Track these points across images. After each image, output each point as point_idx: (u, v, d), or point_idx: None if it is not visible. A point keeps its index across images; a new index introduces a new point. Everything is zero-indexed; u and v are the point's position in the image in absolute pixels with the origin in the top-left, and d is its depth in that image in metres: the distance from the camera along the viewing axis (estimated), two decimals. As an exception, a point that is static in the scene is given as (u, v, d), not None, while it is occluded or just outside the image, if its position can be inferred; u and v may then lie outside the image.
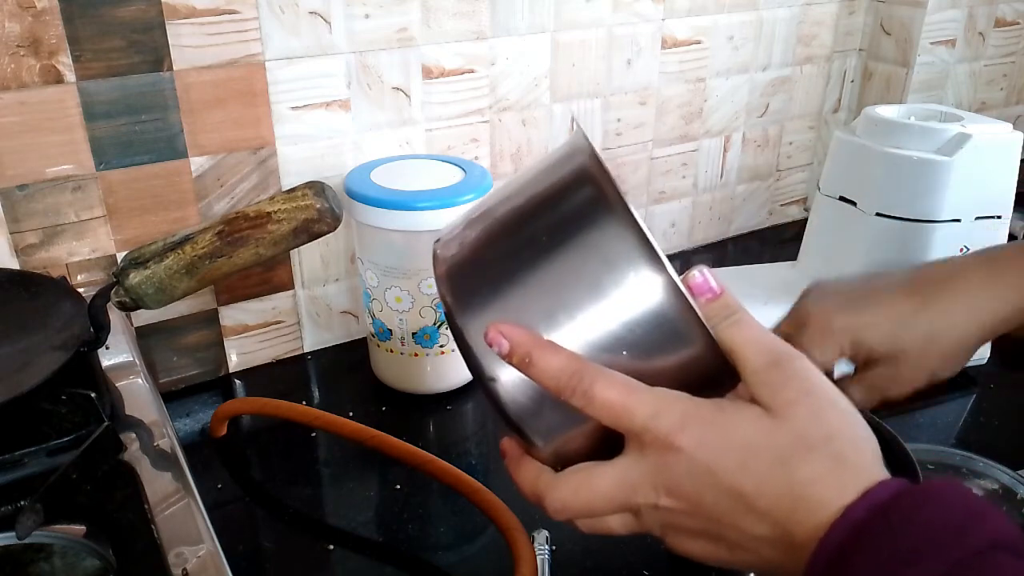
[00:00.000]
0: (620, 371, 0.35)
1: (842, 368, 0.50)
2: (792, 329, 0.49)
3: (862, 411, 0.36)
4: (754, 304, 0.49)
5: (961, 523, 0.30)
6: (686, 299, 0.34)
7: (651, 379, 0.35)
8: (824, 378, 0.35)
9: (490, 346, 0.35)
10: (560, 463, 0.37)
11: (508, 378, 0.36)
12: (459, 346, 0.37)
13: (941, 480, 0.32)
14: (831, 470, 0.32)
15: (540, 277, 0.35)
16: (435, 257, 0.39)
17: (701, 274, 0.36)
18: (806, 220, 0.90)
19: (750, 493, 0.33)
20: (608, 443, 0.36)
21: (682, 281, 0.35)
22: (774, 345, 0.35)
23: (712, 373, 0.35)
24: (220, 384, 0.80)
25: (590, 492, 0.36)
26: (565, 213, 0.36)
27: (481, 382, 0.37)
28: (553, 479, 0.37)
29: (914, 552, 0.29)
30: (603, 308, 0.34)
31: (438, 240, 0.40)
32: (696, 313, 0.34)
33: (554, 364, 0.34)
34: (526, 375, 0.35)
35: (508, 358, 0.34)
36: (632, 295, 0.34)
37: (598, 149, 0.36)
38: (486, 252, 0.37)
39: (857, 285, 0.51)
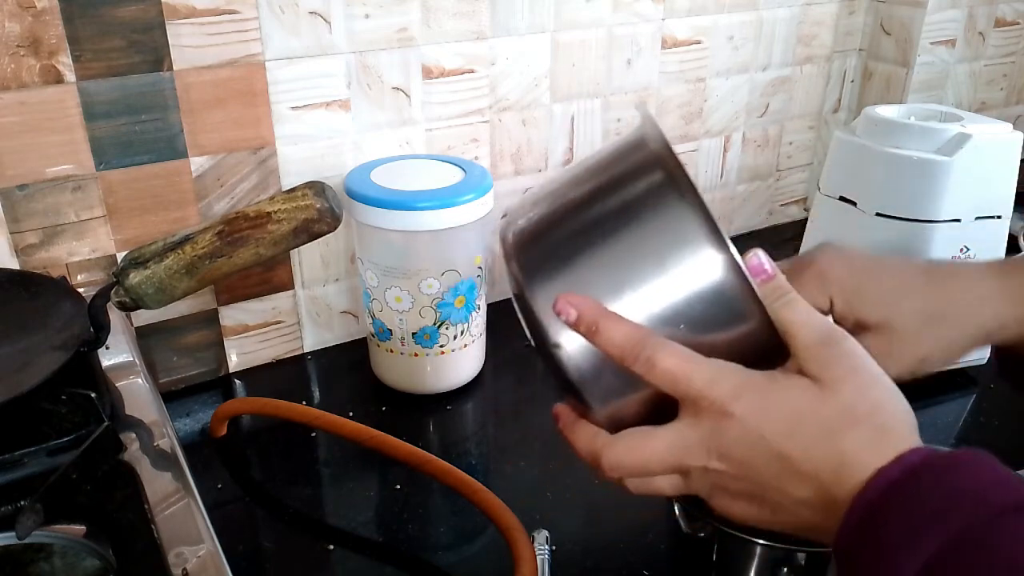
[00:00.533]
0: (681, 342, 0.37)
1: None
2: (789, 271, 0.48)
3: None
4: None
5: (986, 486, 0.32)
6: (746, 278, 0.36)
7: (707, 352, 0.37)
8: (869, 357, 0.37)
9: (558, 315, 0.37)
10: (614, 427, 0.39)
11: (571, 345, 0.38)
12: (524, 315, 0.40)
13: (971, 449, 0.35)
14: (874, 440, 0.35)
15: (608, 253, 0.38)
16: (503, 232, 0.41)
17: (756, 257, 0.38)
18: (806, 220, 0.90)
19: (797, 458, 0.35)
20: (661, 410, 0.38)
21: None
22: (824, 325, 0.37)
23: (765, 348, 0.38)
24: (220, 384, 0.80)
25: (645, 451, 0.38)
26: (636, 195, 0.39)
27: (544, 348, 0.39)
28: (610, 438, 0.39)
29: (940, 509, 0.32)
30: (667, 284, 0.37)
31: (505, 215, 0.43)
32: (754, 291, 0.36)
33: (619, 333, 0.36)
34: (591, 343, 0.37)
35: (575, 326, 0.37)
36: (695, 272, 0.37)
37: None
38: (556, 228, 0.40)
39: (870, 253, 0.52)
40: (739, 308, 0.37)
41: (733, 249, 0.36)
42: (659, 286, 0.37)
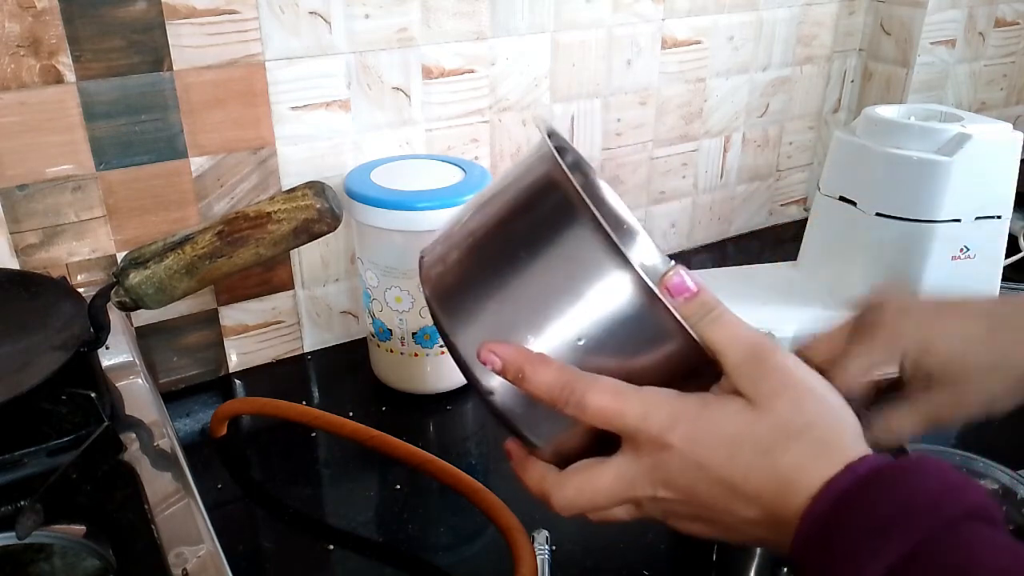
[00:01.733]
0: (609, 370, 0.36)
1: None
2: (850, 331, 0.46)
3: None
4: (754, 304, 0.49)
5: (939, 494, 0.32)
6: (660, 299, 0.35)
7: (639, 374, 0.36)
8: (803, 367, 0.37)
9: (484, 364, 0.37)
10: (562, 460, 0.39)
11: (504, 390, 0.38)
12: (455, 361, 0.39)
13: (922, 455, 0.34)
14: (814, 454, 0.34)
15: (521, 288, 0.37)
16: (421, 276, 0.40)
17: (678, 275, 0.37)
18: (806, 220, 0.90)
19: (738, 482, 0.35)
20: (605, 438, 0.37)
21: (660, 282, 0.36)
22: (753, 339, 0.36)
23: (696, 366, 0.37)
24: (220, 384, 0.80)
25: (593, 490, 0.38)
26: (536, 222, 0.37)
27: (480, 395, 0.39)
28: (557, 479, 0.38)
29: (892, 520, 0.31)
30: (584, 312, 0.36)
31: (422, 258, 0.41)
32: (671, 311, 0.35)
33: (546, 378, 0.36)
34: (520, 389, 0.36)
35: (502, 374, 0.36)
36: (608, 298, 0.35)
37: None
38: (467, 268, 0.39)
39: (931, 299, 0.49)
40: (661, 330, 0.36)
41: (640, 269, 0.34)
42: (577, 316, 0.36)
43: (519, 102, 0.87)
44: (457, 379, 0.79)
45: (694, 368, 0.37)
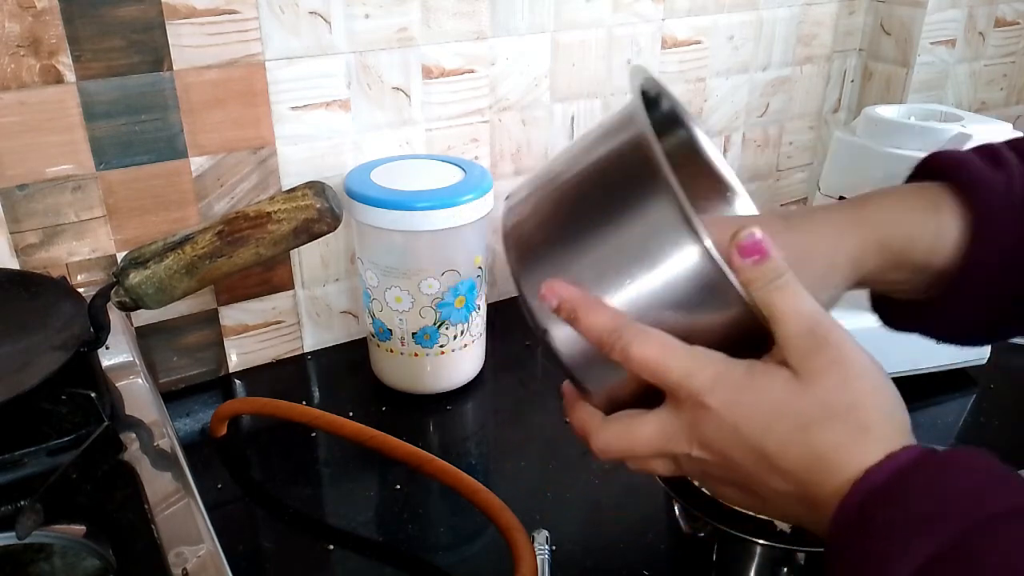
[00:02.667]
0: (664, 326, 0.37)
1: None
2: None
3: None
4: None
5: (982, 487, 0.31)
6: (720, 267, 0.35)
7: (692, 337, 0.37)
8: (862, 351, 0.36)
9: (542, 300, 0.37)
10: (611, 407, 0.40)
11: (559, 332, 0.39)
12: (521, 301, 0.40)
13: (967, 448, 0.33)
14: (853, 437, 0.34)
15: (593, 239, 0.38)
16: (504, 218, 0.42)
17: (752, 236, 0.36)
18: (806, 220, 0.90)
19: (773, 453, 0.35)
20: (653, 392, 0.38)
21: (733, 239, 0.37)
22: (813, 313, 0.36)
23: (751, 334, 0.37)
24: (220, 384, 0.80)
25: (631, 437, 0.38)
26: (616, 181, 0.38)
27: (537, 335, 0.40)
28: (599, 423, 0.39)
29: (932, 512, 0.31)
30: (648, 270, 0.37)
31: (508, 198, 0.43)
32: (729, 279, 0.35)
33: (597, 321, 0.36)
34: (573, 328, 0.37)
35: (557, 312, 0.37)
36: (674, 260, 0.36)
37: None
38: (546, 215, 0.40)
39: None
40: (719, 295, 0.36)
41: (704, 234, 0.35)
42: (642, 272, 0.37)
43: (519, 102, 0.87)
44: (457, 379, 0.79)
45: (748, 335, 0.37)
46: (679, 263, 0.36)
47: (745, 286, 0.36)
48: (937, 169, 0.46)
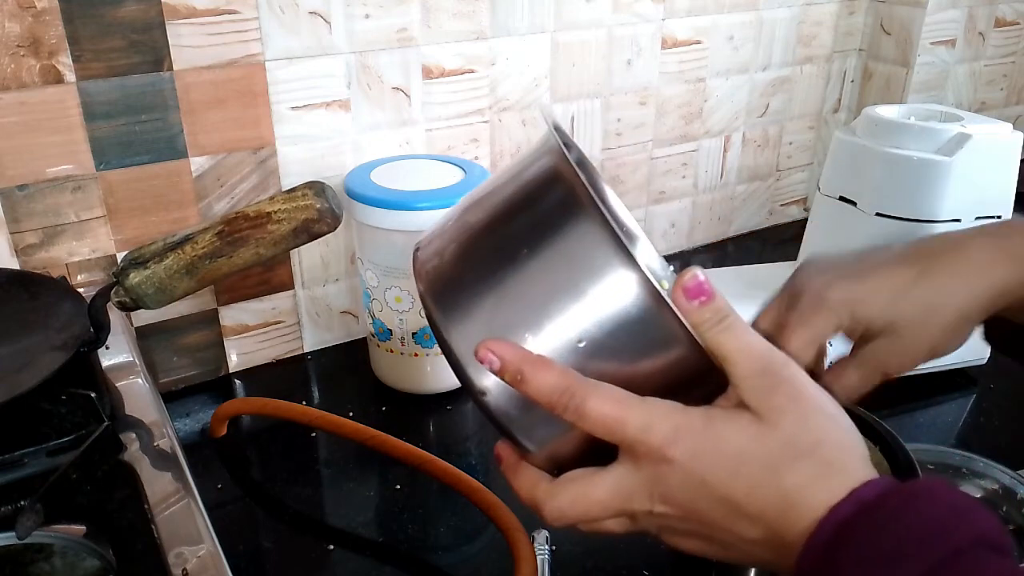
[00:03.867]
0: (609, 374, 0.35)
1: (838, 349, 0.49)
2: (786, 305, 0.47)
3: (857, 411, 0.36)
4: (754, 304, 0.49)
5: (946, 521, 0.31)
6: (666, 303, 0.34)
7: (641, 382, 0.35)
8: (813, 384, 0.35)
9: (481, 363, 0.35)
10: (555, 467, 0.38)
11: (499, 391, 0.36)
12: (448, 359, 0.37)
13: (929, 479, 0.33)
14: (819, 475, 0.33)
15: (522, 286, 0.35)
16: (415, 270, 0.39)
17: (695, 278, 0.35)
18: (806, 220, 0.90)
19: (741, 500, 0.34)
20: (601, 447, 0.36)
21: (677, 282, 0.35)
22: (764, 351, 0.35)
23: (700, 374, 0.35)
24: (220, 384, 0.80)
25: (587, 501, 0.36)
26: (539, 217, 0.36)
27: (472, 395, 0.37)
28: (550, 488, 0.37)
29: (898, 549, 0.30)
30: (586, 314, 0.34)
31: (416, 250, 0.40)
32: (677, 316, 0.34)
33: (546, 381, 0.34)
34: (518, 391, 0.35)
35: (500, 375, 0.35)
36: (613, 299, 0.34)
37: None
38: (465, 264, 0.37)
39: (853, 258, 0.49)
40: (665, 335, 0.34)
41: (648, 272, 0.33)
42: (580, 318, 0.34)
43: (519, 102, 0.87)
44: (457, 379, 0.78)
45: (698, 376, 0.35)
46: (619, 302, 0.34)
47: (694, 329, 0.34)
48: None
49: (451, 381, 0.78)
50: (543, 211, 0.36)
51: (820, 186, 0.85)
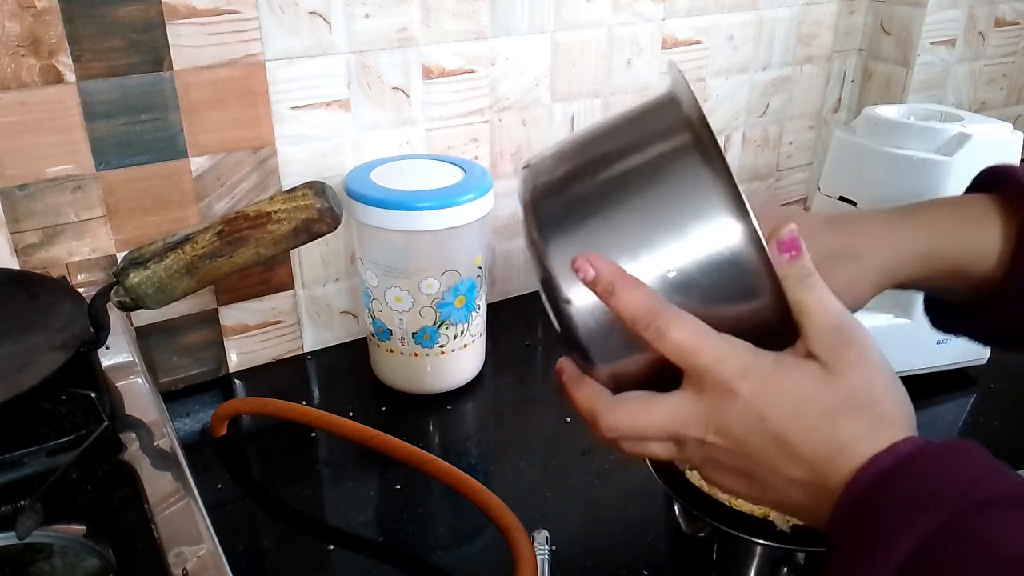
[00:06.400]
0: (690, 311, 0.37)
1: None
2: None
3: None
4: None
5: (974, 475, 0.33)
6: (765, 253, 0.35)
7: (717, 323, 0.37)
8: (880, 350, 0.37)
9: (576, 272, 0.37)
10: (615, 386, 0.40)
11: (583, 303, 0.38)
12: (539, 269, 0.39)
13: (962, 439, 0.35)
14: (873, 427, 0.35)
15: (628, 214, 0.37)
16: (525, 181, 0.41)
17: (792, 232, 0.37)
18: (806, 220, 0.90)
19: (795, 441, 0.36)
20: (664, 374, 0.38)
21: (772, 234, 0.37)
22: (840, 311, 0.37)
23: (775, 326, 0.37)
24: (220, 384, 0.80)
25: (644, 419, 0.38)
26: (661, 156, 0.38)
27: (555, 303, 0.39)
28: (612, 401, 0.39)
29: (927, 499, 0.32)
30: (684, 251, 0.37)
31: (527, 165, 0.42)
32: (771, 267, 0.36)
33: (634, 299, 0.36)
34: (606, 304, 0.37)
35: (592, 285, 0.37)
36: (714, 242, 0.36)
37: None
38: (578, 184, 0.39)
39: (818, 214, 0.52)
40: (754, 283, 0.36)
41: (756, 222, 0.35)
42: (677, 252, 0.37)
43: (519, 102, 0.87)
44: (457, 379, 0.79)
45: (773, 327, 0.37)
46: (719, 245, 0.36)
47: (782, 280, 0.36)
48: (989, 182, 0.47)
49: (451, 381, 0.78)
50: (664, 151, 0.38)
51: (820, 186, 0.85)
